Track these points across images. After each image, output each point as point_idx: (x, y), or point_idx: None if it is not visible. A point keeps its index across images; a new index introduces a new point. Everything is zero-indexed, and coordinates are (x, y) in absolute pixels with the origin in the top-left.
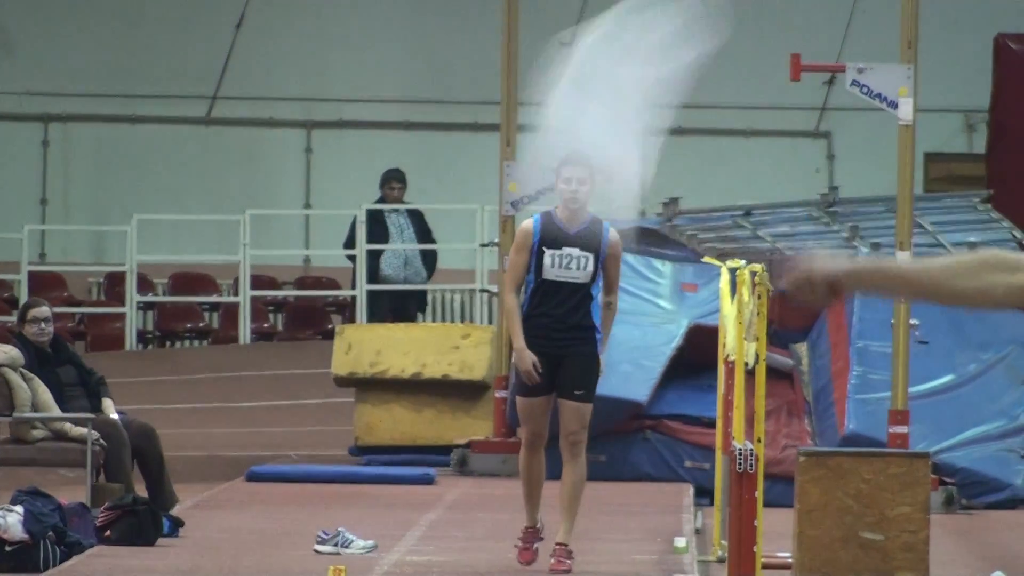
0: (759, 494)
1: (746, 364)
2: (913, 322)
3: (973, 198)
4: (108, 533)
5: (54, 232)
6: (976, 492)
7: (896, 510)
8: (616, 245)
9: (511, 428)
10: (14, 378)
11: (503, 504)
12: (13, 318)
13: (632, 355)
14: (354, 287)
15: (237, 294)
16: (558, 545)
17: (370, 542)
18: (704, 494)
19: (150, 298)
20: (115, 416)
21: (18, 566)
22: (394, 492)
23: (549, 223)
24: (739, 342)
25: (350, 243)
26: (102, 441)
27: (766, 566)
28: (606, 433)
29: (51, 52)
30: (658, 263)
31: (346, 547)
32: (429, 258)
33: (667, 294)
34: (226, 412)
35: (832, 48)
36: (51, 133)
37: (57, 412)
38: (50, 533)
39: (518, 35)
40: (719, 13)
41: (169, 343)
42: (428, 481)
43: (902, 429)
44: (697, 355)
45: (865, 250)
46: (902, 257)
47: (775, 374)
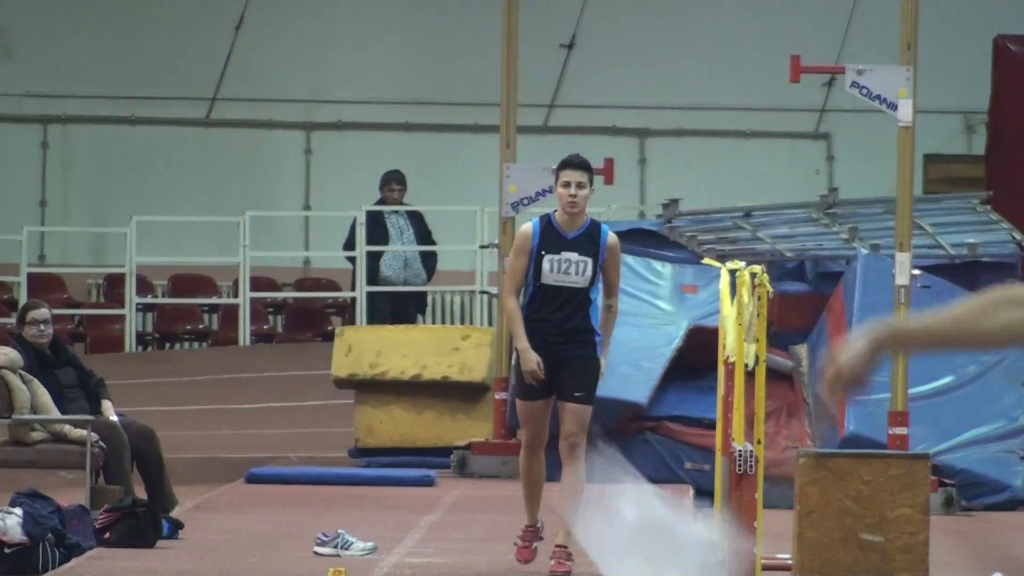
0: (759, 495)
1: (746, 365)
2: None
3: (972, 199)
4: (107, 535)
5: (53, 234)
6: (976, 493)
7: (896, 511)
8: (615, 248)
9: (511, 430)
10: (13, 380)
11: (503, 506)
12: (12, 320)
13: (632, 356)
14: (354, 289)
15: (237, 296)
16: (558, 547)
17: (370, 544)
18: (704, 495)
19: (150, 300)
20: (114, 418)
21: (17, 568)
22: (394, 494)
23: (548, 227)
24: (739, 343)
25: (350, 245)
26: (101, 443)
27: (766, 568)
28: (606, 434)
29: (51, 54)
30: (658, 264)
31: (346, 549)
32: (429, 260)
33: (667, 295)
34: (226, 414)
35: (832, 50)
36: (51, 135)
37: (56, 414)
38: (49, 535)
39: (518, 36)
40: None
41: (169, 345)
42: (428, 483)
43: (902, 430)
44: (697, 356)
45: (864, 251)
46: (923, 317)
47: (775, 375)
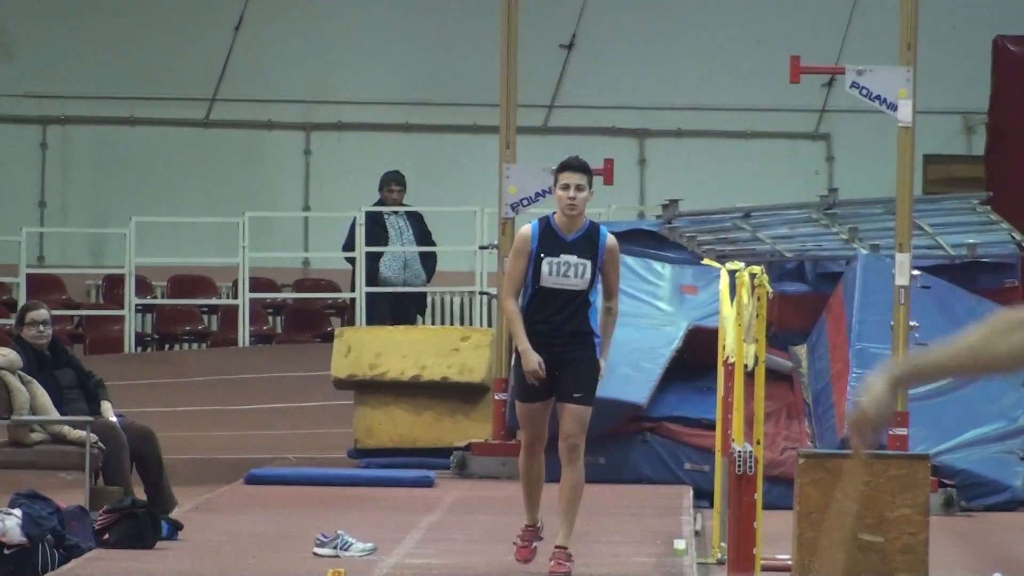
0: (758, 496)
1: (745, 366)
2: (912, 324)
3: (972, 200)
4: (107, 536)
5: (52, 234)
6: (975, 494)
7: (896, 512)
8: (613, 250)
9: (510, 430)
10: (12, 381)
11: (503, 506)
12: (12, 321)
13: (631, 357)
14: (353, 289)
15: (236, 297)
16: (557, 548)
17: (369, 544)
18: (703, 496)
19: (149, 301)
20: (114, 419)
21: (16, 569)
22: (393, 495)
23: (547, 229)
24: (738, 344)
25: (349, 245)
26: (101, 444)
27: (765, 568)
28: (606, 435)
29: (50, 54)
30: (657, 265)
31: (345, 550)
32: (428, 260)
33: (666, 296)
34: (225, 415)
35: (831, 50)
36: (50, 135)
37: (55, 415)
38: (49, 536)
39: (517, 37)
40: None
41: (168, 346)
42: (427, 483)
43: (901, 431)
44: (696, 357)
45: (864, 251)
46: (935, 350)
47: (774, 376)
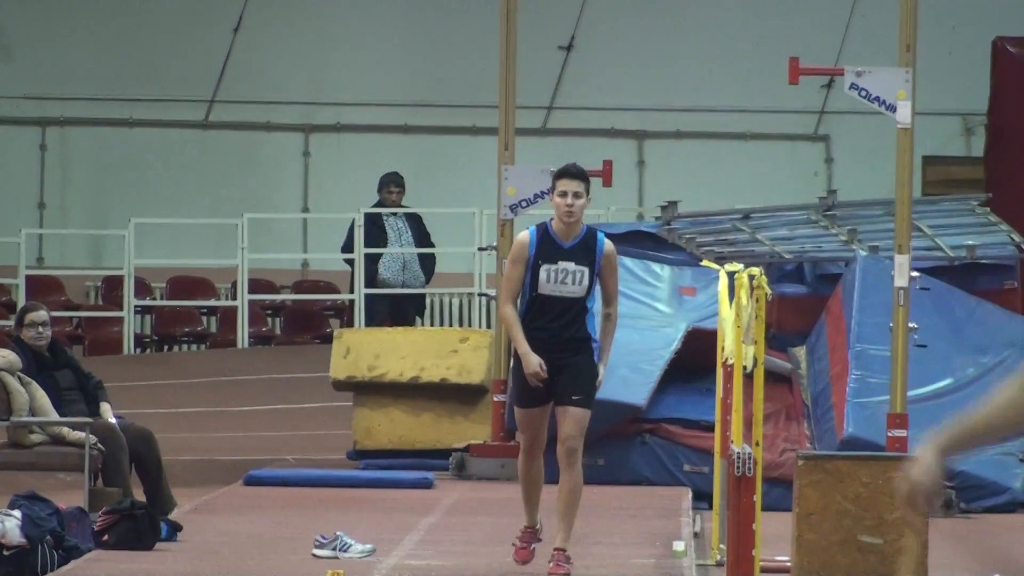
0: (757, 498)
1: (744, 368)
2: (912, 326)
3: (971, 201)
4: (106, 537)
5: (52, 236)
6: (975, 496)
7: (895, 514)
8: (611, 256)
9: (509, 432)
10: (12, 382)
11: (502, 508)
12: (11, 322)
13: (630, 359)
14: (352, 291)
15: (235, 298)
16: (556, 550)
17: (368, 546)
18: (703, 498)
19: (148, 302)
20: (113, 420)
21: (16, 570)
22: (392, 496)
23: (545, 236)
24: (737, 346)
25: (348, 247)
26: (100, 445)
27: (764, 570)
28: (605, 437)
29: (49, 56)
30: (656, 267)
31: (344, 551)
32: (427, 262)
33: (665, 298)
34: (224, 416)
35: (830, 52)
36: (49, 137)
37: (55, 416)
38: (48, 537)
39: (516, 39)
40: None
41: (167, 347)
42: (426, 485)
43: (901, 433)
44: (695, 359)
45: (863, 252)
46: (974, 413)
47: (773, 378)
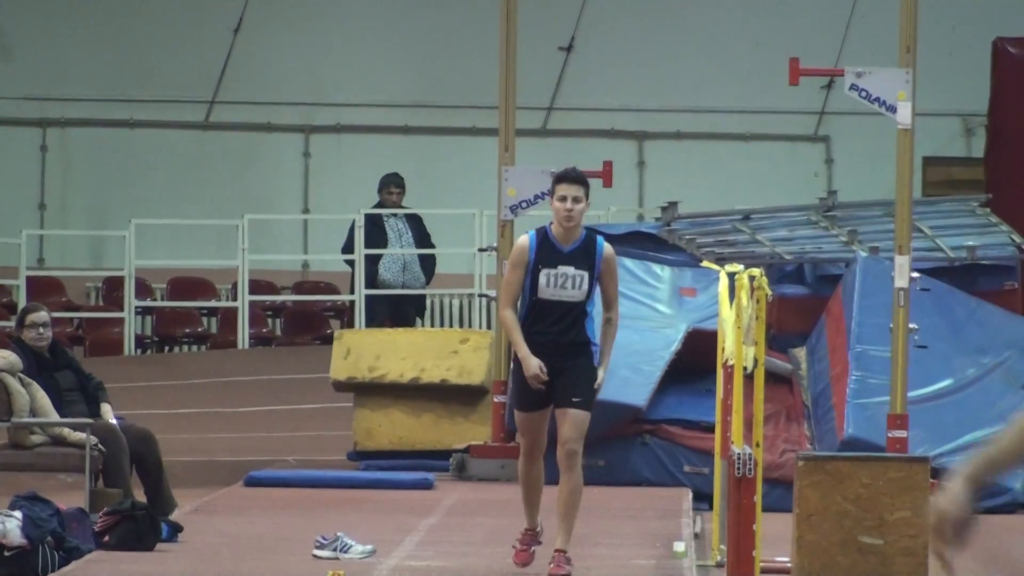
0: (758, 498)
1: (745, 368)
2: (912, 326)
3: (971, 202)
4: (107, 538)
5: (52, 237)
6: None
7: (895, 514)
8: (610, 260)
9: (510, 433)
10: (12, 383)
11: (502, 509)
12: (12, 323)
13: (631, 360)
14: (352, 292)
15: (235, 299)
16: (556, 551)
17: (369, 547)
18: (703, 499)
19: (148, 303)
20: (114, 421)
21: (17, 571)
22: (393, 497)
23: (544, 241)
24: (738, 346)
25: (349, 248)
26: (101, 446)
27: (765, 571)
28: (605, 438)
29: (49, 57)
30: (657, 267)
31: (345, 552)
32: (428, 263)
33: (666, 298)
34: (224, 417)
35: (831, 52)
36: (49, 138)
37: (56, 417)
38: (49, 538)
39: (516, 40)
40: None
41: (167, 348)
42: (427, 486)
43: (901, 433)
44: (696, 359)
45: (864, 253)
46: (1002, 440)
47: (774, 378)
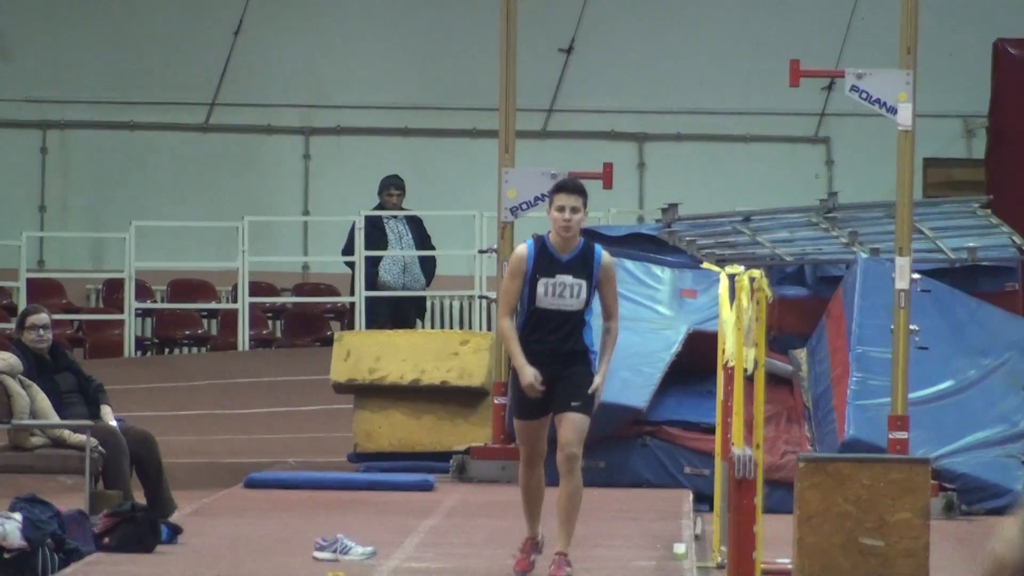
0: (758, 500)
1: (745, 370)
2: (913, 328)
3: (972, 203)
4: (107, 540)
5: (52, 239)
6: (976, 498)
7: (896, 516)
8: (609, 268)
9: (510, 435)
10: (13, 385)
11: (502, 510)
12: (12, 325)
13: (631, 361)
14: (353, 294)
15: (236, 301)
16: (557, 554)
17: (369, 549)
18: (703, 500)
19: (149, 305)
20: (114, 423)
21: (16, 573)
22: (393, 498)
23: (542, 250)
24: (738, 348)
25: (349, 250)
26: (101, 448)
27: (766, 572)
28: (605, 439)
29: (50, 59)
30: (657, 269)
31: (345, 554)
32: (428, 264)
33: (666, 300)
34: (225, 419)
35: (831, 54)
36: (49, 140)
37: (56, 419)
38: (49, 540)
39: (516, 41)
40: None
41: (168, 350)
42: (427, 487)
43: (902, 435)
44: (696, 361)
45: (864, 255)
46: None
47: (774, 380)
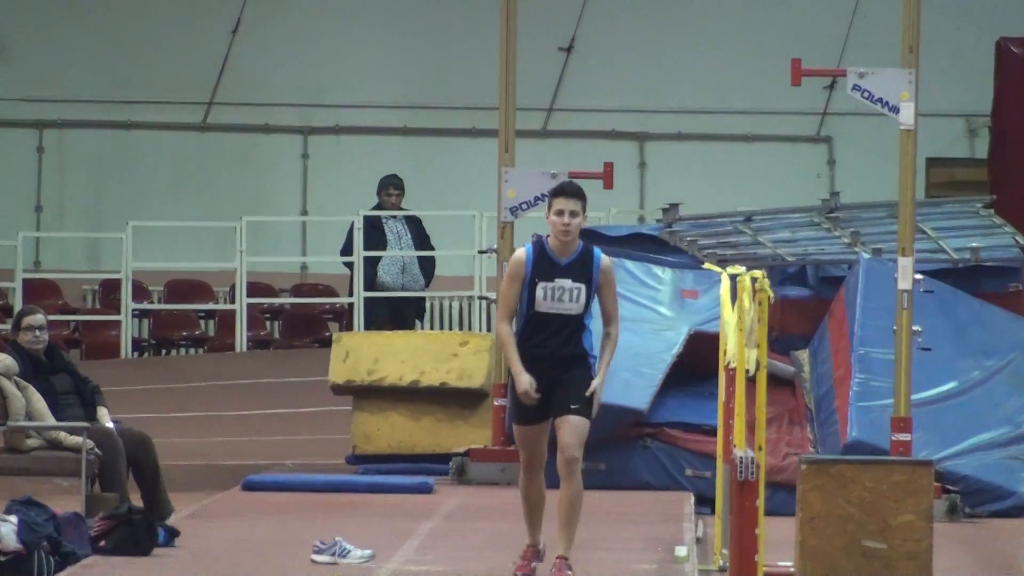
0: (760, 502)
1: (747, 371)
2: (916, 329)
3: (975, 203)
4: (103, 543)
5: (49, 239)
6: (980, 500)
7: (899, 518)
8: (608, 272)
9: (510, 437)
10: (8, 386)
11: (502, 513)
12: (7, 326)
13: (632, 362)
14: (351, 294)
15: (233, 301)
16: (558, 558)
17: (368, 551)
18: (705, 502)
19: (145, 306)
20: (110, 425)
21: None
22: (392, 501)
23: (541, 254)
24: (740, 349)
25: (347, 250)
26: (97, 450)
27: (768, 575)
28: (606, 441)
29: (47, 58)
30: (658, 269)
31: (343, 557)
32: (427, 265)
33: (667, 301)
34: (222, 420)
35: (833, 53)
36: (46, 139)
37: (52, 421)
38: (44, 543)
39: (516, 40)
40: None
41: (165, 351)
42: (426, 490)
43: (905, 436)
44: (698, 362)
45: (866, 255)
46: None
47: (776, 381)
